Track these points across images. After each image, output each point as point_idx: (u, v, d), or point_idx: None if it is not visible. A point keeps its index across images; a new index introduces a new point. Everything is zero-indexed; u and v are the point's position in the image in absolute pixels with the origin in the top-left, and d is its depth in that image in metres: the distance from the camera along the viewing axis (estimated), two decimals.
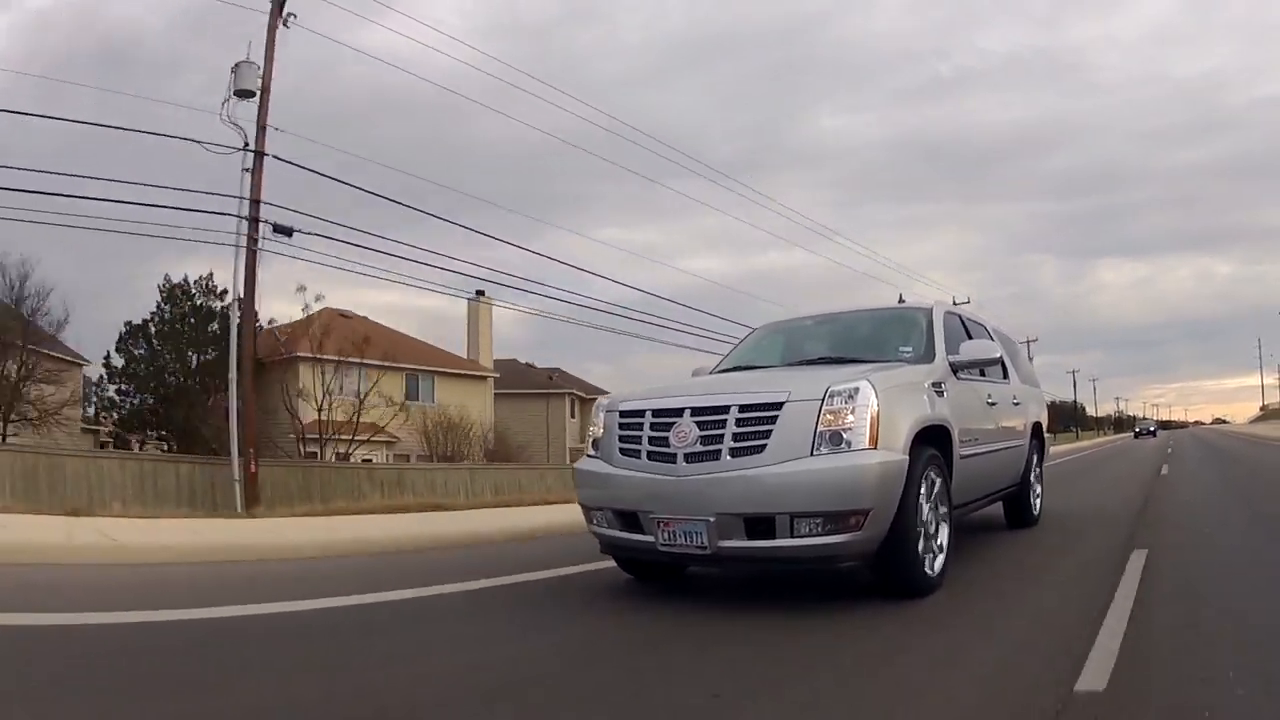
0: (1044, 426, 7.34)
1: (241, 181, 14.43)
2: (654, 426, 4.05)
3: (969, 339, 5.54)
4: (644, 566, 4.60)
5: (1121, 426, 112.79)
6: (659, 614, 3.91)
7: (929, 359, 4.83)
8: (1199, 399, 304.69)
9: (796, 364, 5.14)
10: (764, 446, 3.73)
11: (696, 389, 4.43)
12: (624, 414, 4.28)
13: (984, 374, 5.54)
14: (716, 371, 5.53)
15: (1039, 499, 7.03)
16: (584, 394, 36.59)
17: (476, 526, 7.73)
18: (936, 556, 4.14)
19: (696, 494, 3.78)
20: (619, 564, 4.71)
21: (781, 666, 2.98)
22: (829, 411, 3.74)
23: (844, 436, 3.71)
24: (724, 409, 3.89)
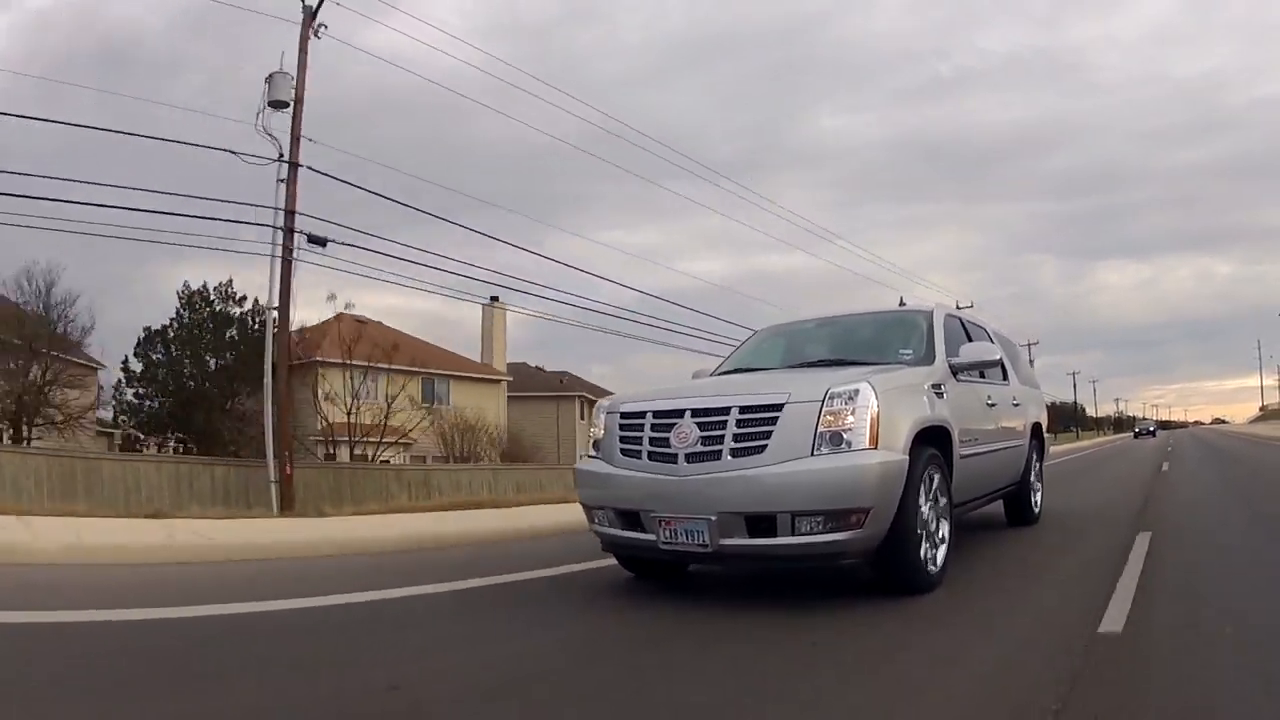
0: (1044, 427, 7.37)
1: (276, 192, 14.56)
2: (655, 427, 4.08)
3: (969, 341, 5.55)
4: (645, 564, 4.63)
5: (1121, 427, 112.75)
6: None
7: (929, 361, 4.86)
8: (1199, 399, 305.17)
9: (797, 366, 5.17)
10: (764, 447, 3.75)
11: (697, 390, 4.46)
12: (625, 415, 4.31)
13: (984, 376, 5.57)
14: (717, 374, 5.55)
15: (1039, 498, 7.06)
16: (593, 396, 36.63)
17: (533, 521, 7.90)
18: (937, 554, 4.16)
19: (698, 493, 3.81)
20: (620, 562, 4.74)
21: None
22: (829, 412, 3.77)
23: (844, 437, 3.73)
24: (725, 410, 3.91)
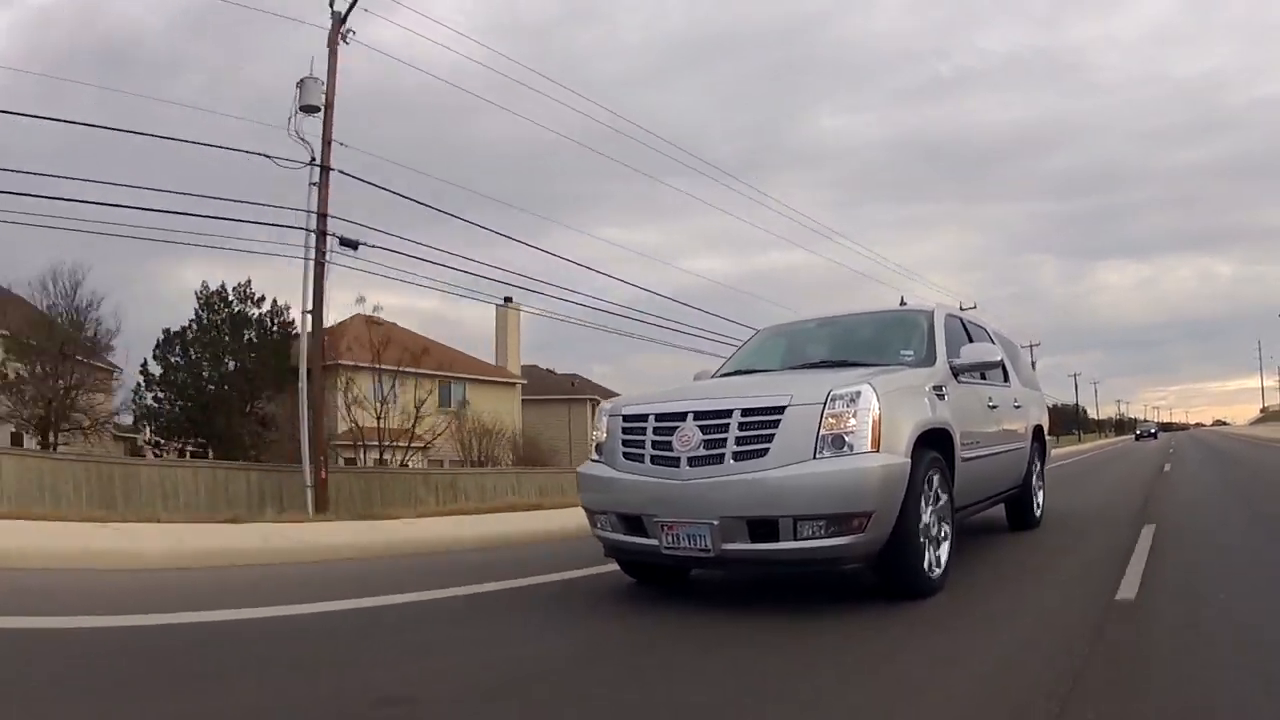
0: (1045, 429, 7.36)
1: (309, 195, 14.80)
2: (657, 430, 4.08)
3: (970, 342, 5.54)
4: (648, 570, 4.61)
5: (1122, 429, 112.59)
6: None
7: (930, 362, 4.85)
8: (1200, 401, 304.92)
9: (798, 367, 5.17)
10: (767, 450, 3.76)
11: (699, 393, 4.45)
12: (627, 418, 4.31)
13: (985, 377, 5.56)
14: (718, 375, 5.55)
15: (1040, 501, 7.04)
16: (603, 399, 36.61)
17: (563, 524, 7.88)
18: (939, 558, 4.16)
19: (700, 497, 3.80)
20: (623, 568, 4.72)
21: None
22: (831, 415, 3.77)
23: (846, 440, 3.73)
24: (727, 413, 3.91)
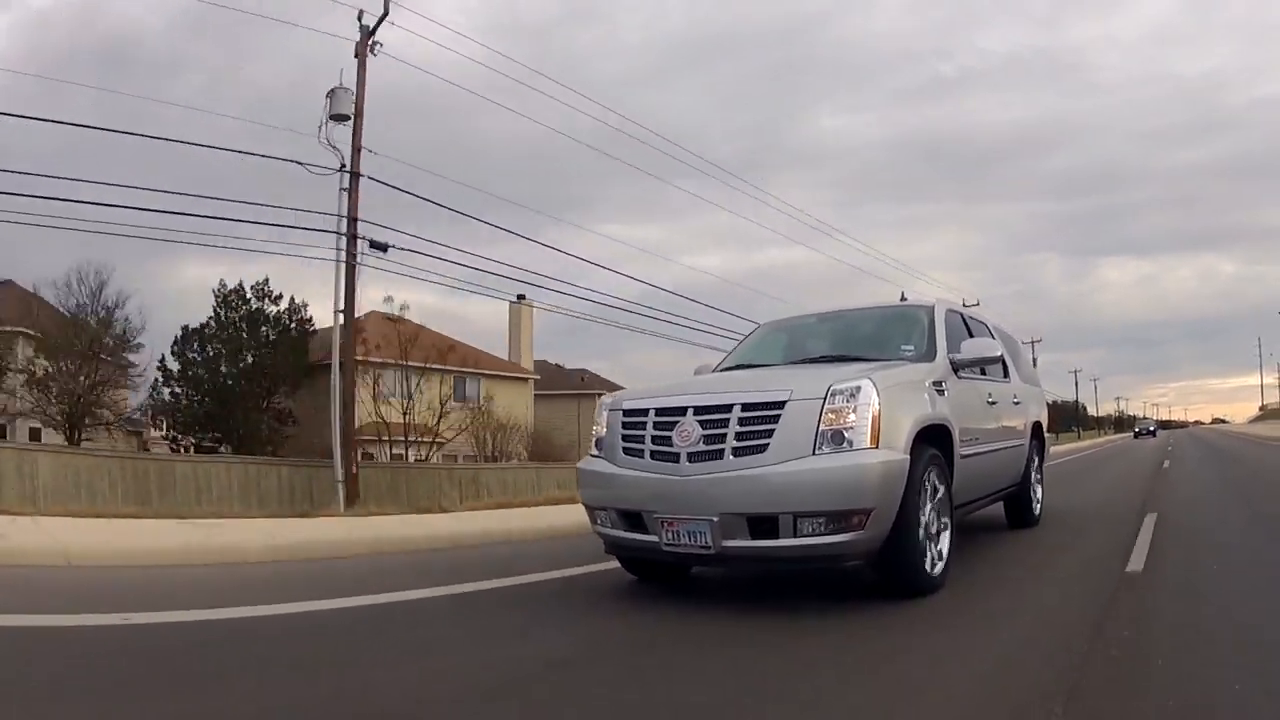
0: (1044, 426, 7.35)
1: (339, 200, 15.38)
2: (657, 425, 4.06)
3: (970, 337, 5.52)
4: (648, 567, 4.60)
5: (1122, 426, 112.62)
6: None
7: (930, 358, 4.83)
8: (1199, 399, 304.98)
9: (799, 362, 5.15)
10: (766, 446, 3.74)
11: (699, 387, 4.43)
12: (627, 413, 4.28)
13: (985, 373, 5.54)
14: (719, 370, 5.53)
15: (1039, 499, 7.03)
16: (611, 394, 36.77)
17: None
18: (938, 556, 4.14)
19: (700, 494, 3.79)
20: (623, 564, 4.71)
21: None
22: (831, 410, 3.75)
23: (846, 436, 3.72)
24: (727, 408, 3.89)
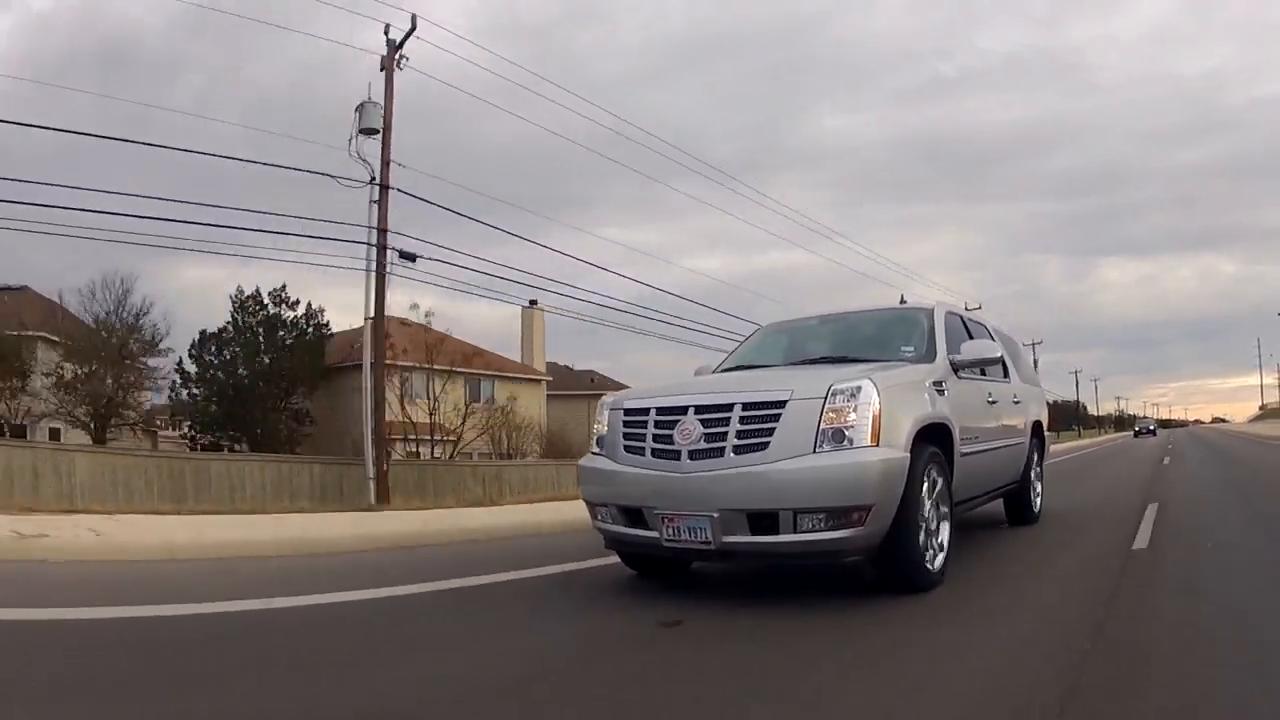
0: (1044, 425, 7.37)
1: (370, 212, 15.88)
2: (658, 424, 4.08)
3: (970, 339, 5.57)
4: (648, 562, 4.63)
5: (1122, 425, 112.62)
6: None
7: (930, 358, 4.86)
8: (1199, 398, 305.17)
9: (799, 363, 5.17)
10: (767, 444, 3.76)
11: (700, 387, 4.46)
12: (629, 412, 4.31)
13: (984, 373, 5.57)
14: (719, 370, 5.56)
15: (1039, 497, 7.06)
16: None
17: None
18: (938, 553, 4.17)
19: (700, 490, 3.81)
20: (623, 560, 4.75)
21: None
22: (831, 410, 3.77)
23: (846, 434, 3.74)
24: (728, 407, 3.91)
